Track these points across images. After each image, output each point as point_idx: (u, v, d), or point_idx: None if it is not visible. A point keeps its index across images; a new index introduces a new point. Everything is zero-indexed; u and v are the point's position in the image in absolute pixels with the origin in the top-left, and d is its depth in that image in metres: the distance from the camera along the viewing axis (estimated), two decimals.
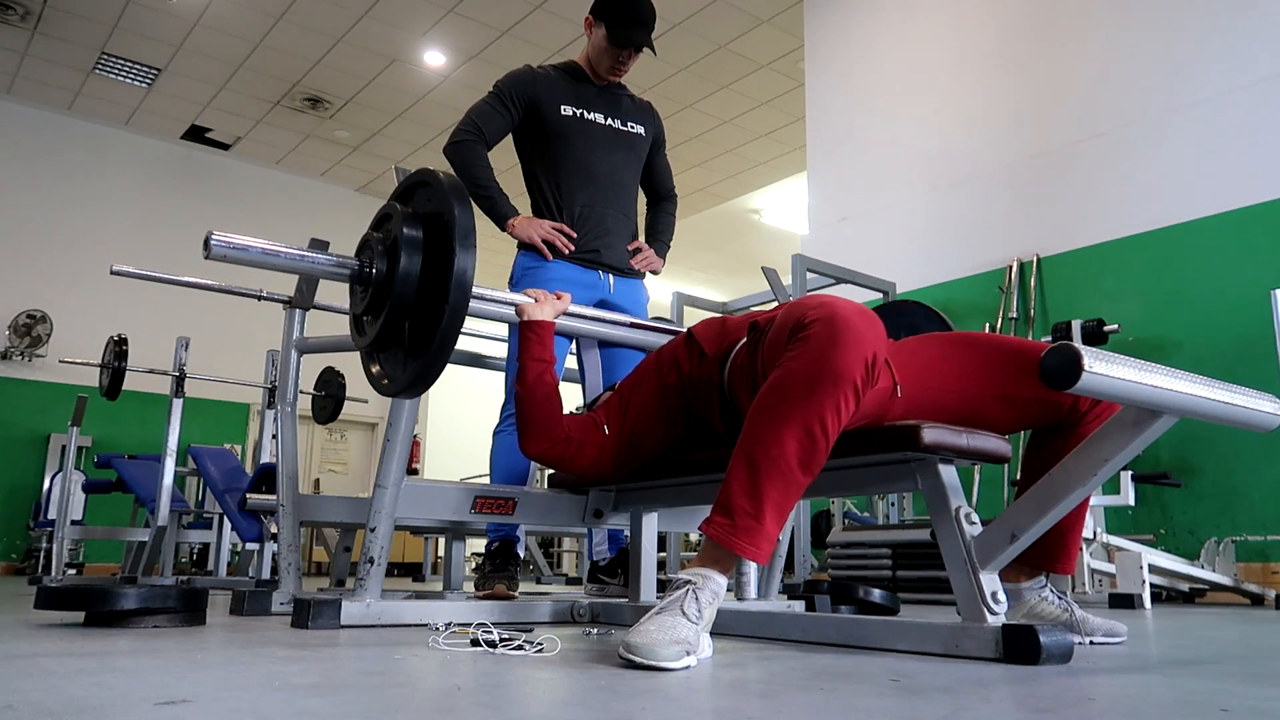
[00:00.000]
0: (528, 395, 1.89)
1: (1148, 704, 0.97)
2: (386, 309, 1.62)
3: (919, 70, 5.74)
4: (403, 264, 1.59)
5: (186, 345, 4.60)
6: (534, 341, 1.96)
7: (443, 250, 1.57)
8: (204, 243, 1.57)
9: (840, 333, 1.34)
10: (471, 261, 1.54)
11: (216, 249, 1.58)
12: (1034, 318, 4.82)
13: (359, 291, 1.70)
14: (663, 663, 1.17)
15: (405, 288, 1.60)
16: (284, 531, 2.22)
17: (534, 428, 1.88)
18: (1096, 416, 1.57)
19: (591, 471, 1.92)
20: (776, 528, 1.36)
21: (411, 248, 1.60)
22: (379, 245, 1.65)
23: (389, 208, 1.70)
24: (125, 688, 0.97)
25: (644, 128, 2.86)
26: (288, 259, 1.67)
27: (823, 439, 1.34)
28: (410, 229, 1.62)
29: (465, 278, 1.54)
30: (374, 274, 1.64)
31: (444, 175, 1.66)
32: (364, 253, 1.69)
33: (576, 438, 1.87)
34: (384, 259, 1.63)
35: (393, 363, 1.72)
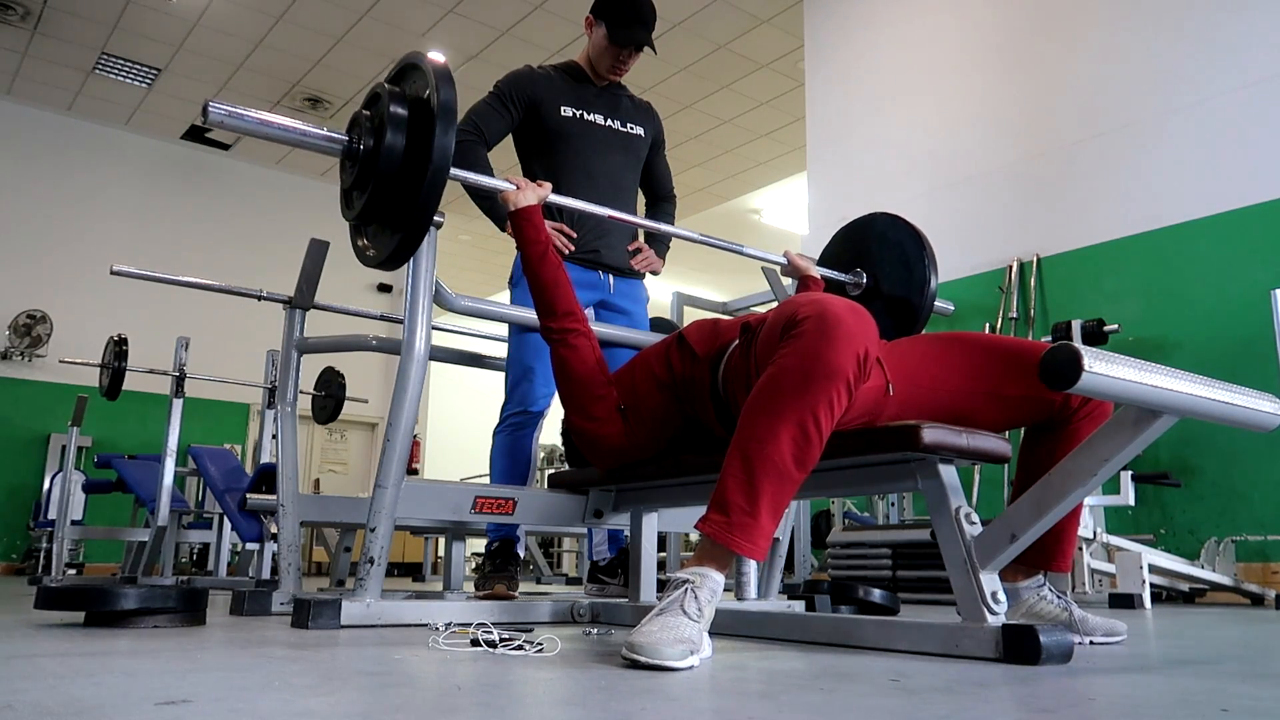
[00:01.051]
0: (537, 275, 1.96)
1: (1148, 704, 0.97)
2: (372, 182, 1.71)
3: (919, 70, 5.74)
4: (388, 140, 1.69)
5: (186, 345, 4.60)
6: (528, 227, 2.00)
7: (426, 128, 1.67)
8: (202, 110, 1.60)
9: (832, 329, 1.35)
10: (451, 140, 1.65)
11: (214, 115, 1.61)
12: (1034, 318, 4.82)
13: (348, 166, 1.79)
14: (668, 662, 1.17)
15: (390, 162, 1.69)
16: (284, 531, 2.22)
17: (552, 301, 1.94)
18: (1088, 414, 1.58)
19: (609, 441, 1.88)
20: (772, 524, 1.36)
21: (397, 126, 1.70)
22: (368, 123, 1.74)
23: (378, 88, 1.78)
24: (125, 688, 0.97)
25: (644, 129, 2.86)
26: (280, 129, 1.71)
27: (816, 435, 1.35)
28: (397, 108, 1.71)
29: (446, 149, 1.65)
30: (362, 149, 1.73)
31: (431, 60, 1.74)
32: (354, 129, 1.76)
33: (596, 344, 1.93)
34: (371, 135, 1.73)
35: (378, 236, 1.83)
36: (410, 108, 1.72)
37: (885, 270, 2.45)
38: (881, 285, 2.45)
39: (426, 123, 1.67)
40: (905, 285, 2.40)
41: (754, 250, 2.46)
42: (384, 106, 1.72)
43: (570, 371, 1.91)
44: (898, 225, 2.46)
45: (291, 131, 1.73)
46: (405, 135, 1.70)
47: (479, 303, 2.27)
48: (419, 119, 1.70)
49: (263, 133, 1.70)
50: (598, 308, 2.73)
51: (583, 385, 1.90)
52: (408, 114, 1.71)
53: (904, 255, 2.42)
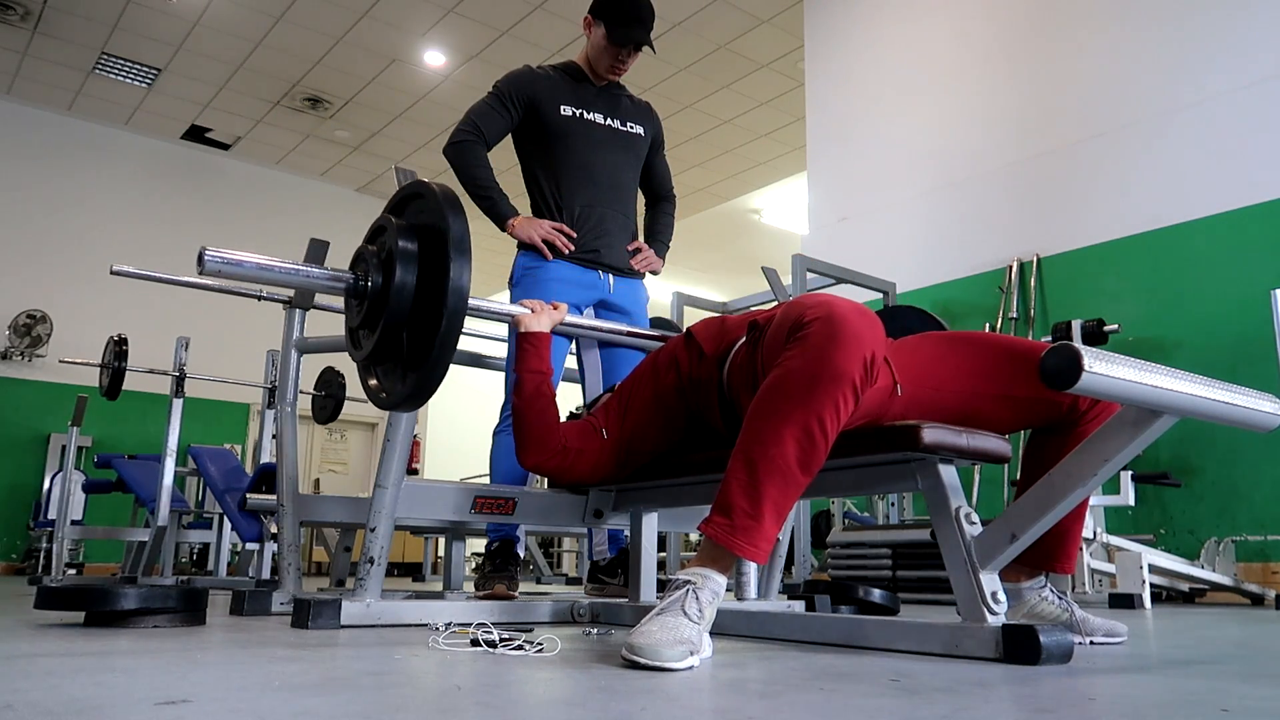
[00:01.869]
0: (525, 408, 1.89)
1: (1148, 704, 0.97)
2: (383, 322, 1.61)
3: (919, 70, 5.74)
4: (398, 276, 1.58)
5: (186, 345, 4.60)
6: (530, 354, 1.96)
7: (438, 262, 1.56)
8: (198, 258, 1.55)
9: (839, 332, 1.34)
10: (467, 273, 1.53)
11: (210, 264, 1.56)
12: (1034, 318, 4.82)
13: (354, 305, 1.70)
14: (667, 663, 1.17)
15: (401, 300, 1.59)
16: (284, 531, 2.22)
17: (531, 440, 1.88)
18: (1096, 416, 1.57)
19: (591, 477, 1.93)
20: (775, 527, 1.36)
21: (406, 260, 1.59)
22: (374, 258, 1.64)
23: (383, 220, 1.69)
24: (125, 688, 0.97)
25: (643, 128, 2.86)
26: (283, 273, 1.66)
27: (822, 438, 1.34)
28: (405, 241, 1.61)
29: (461, 289, 1.53)
30: (369, 287, 1.63)
31: (437, 187, 1.65)
32: (359, 266, 1.68)
33: (574, 446, 1.87)
34: (379, 272, 1.62)
35: (390, 375, 1.72)
36: (418, 240, 1.62)
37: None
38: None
39: (439, 259, 1.55)
40: None
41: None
42: (390, 240, 1.61)
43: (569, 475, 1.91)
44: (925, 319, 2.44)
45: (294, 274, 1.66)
46: (416, 273, 1.58)
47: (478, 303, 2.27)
48: (429, 252, 1.59)
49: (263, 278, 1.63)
50: (597, 308, 2.72)
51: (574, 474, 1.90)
52: (417, 248, 1.60)
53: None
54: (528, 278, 2.64)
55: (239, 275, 1.61)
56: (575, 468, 1.88)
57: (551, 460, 1.87)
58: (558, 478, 1.95)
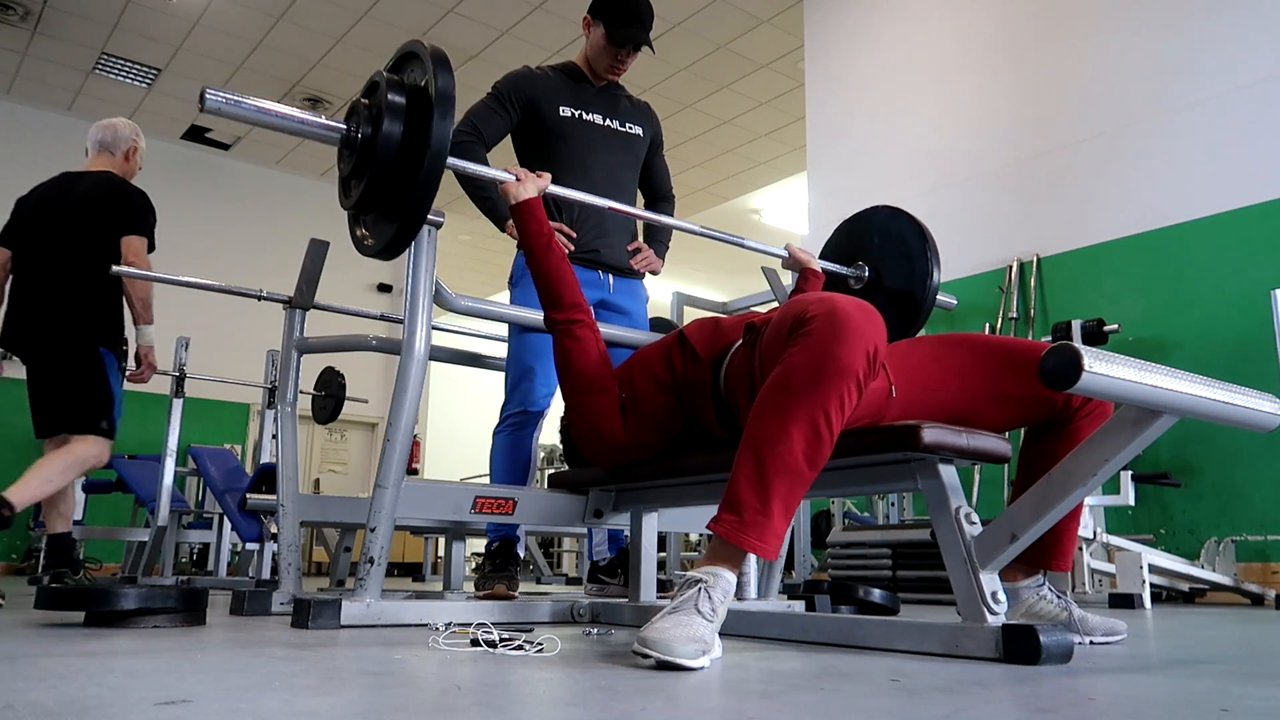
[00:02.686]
0: (541, 267, 1.96)
1: (1148, 704, 0.97)
2: (370, 171, 1.71)
3: (918, 70, 5.74)
4: (385, 127, 1.68)
5: (186, 345, 4.60)
6: (530, 220, 2.00)
7: (423, 116, 1.66)
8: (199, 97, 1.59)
9: (842, 327, 1.35)
10: (448, 127, 1.64)
11: (211, 102, 1.60)
12: (1034, 318, 4.82)
13: (346, 155, 1.78)
14: (679, 659, 1.17)
15: (387, 151, 1.68)
16: (284, 531, 2.22)
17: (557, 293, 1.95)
18: (1089, 413, 1.59)
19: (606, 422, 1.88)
20: (784, 523, 1.36)
21: (394, 114, 1.69)
22: (366, 111, 1.73)
23: (377, 76, 1.77)
24: (125, 688, 0.97)
25: (642, 128, 2.86)
26: (279, 118, 1.70)
27: (827, 433, 1.35)
28: (395, 96, 1.70)
29: (442, 141, 1.63)
30: (359, 138, 1.72)
31: (430, 48, 1.72)
32: (352, 118, 1.75)
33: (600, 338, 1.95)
34: (369, 124, 1.72)
35: (375, 224, 1.82)
36: (408, 96, 1.71)
37: (887, 264, 2.44)
38: (883, 279, 2.43)
39: (424, 110, 1.66)
40: (907, 278, 2.39)
41: (755, 243, 2.45)
42: (382, 95, 1.71)
43: (574, 363, 1.91)
44: (900, 218, 2.44)
45: (289, 119, 1.72)
46: (403, 123, 1.69)
47: (479, 303, 2.27)
48: (417, 106, 1.69)
49: (260, 120, 1.68)
50: (597, 307, 2.72)
51: (585, 378, 1.90)
52: (405, 102, 1.70)
53: (906, 248, 2.40)
54: (528, 277, 2.64)
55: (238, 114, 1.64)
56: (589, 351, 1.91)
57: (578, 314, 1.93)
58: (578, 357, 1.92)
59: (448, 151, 1.67)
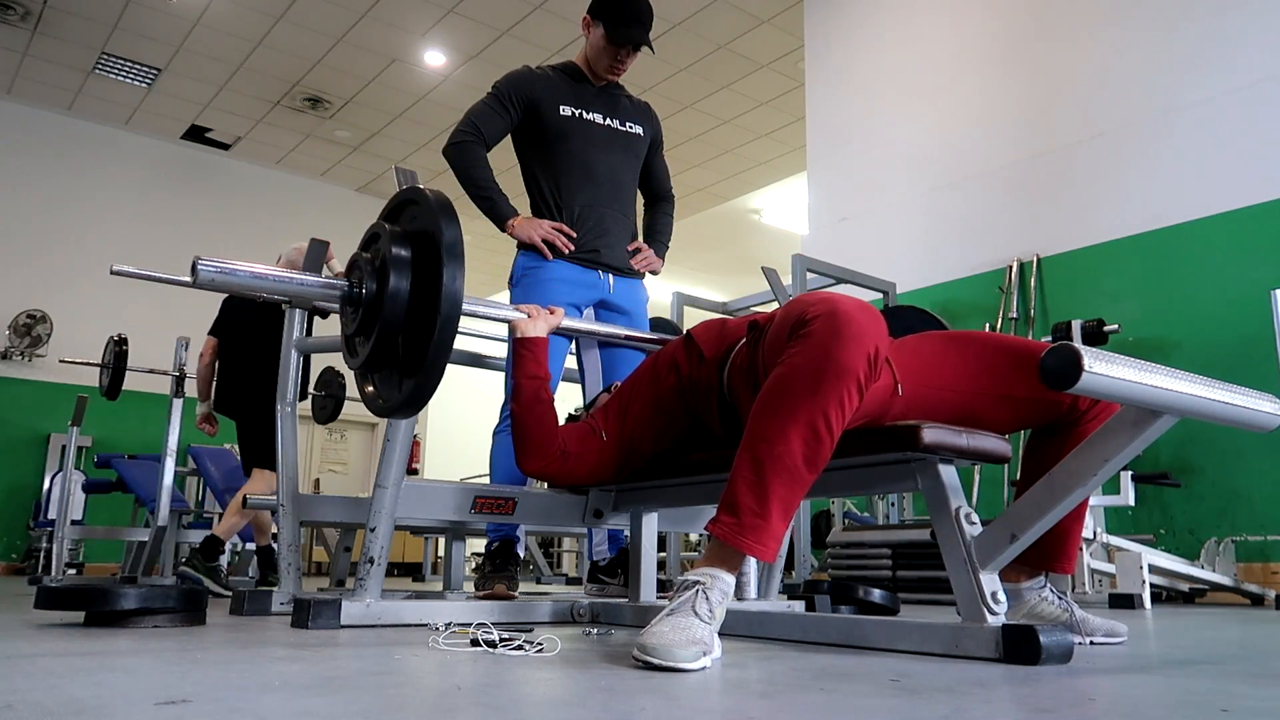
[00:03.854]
0: (524, 413, 1.90)
1: (1148, 704, 0.97)
2: (378, 328, 1.61)
3: (919, 70, 5.74)
4: (392, 283, 1.58)
5: (186, 345, 4.60)
6: (528, 359, 1.96)
7: (432, 268, 1.56)
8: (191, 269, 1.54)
9: (843, 328, 1.34)
10: (460, 279, 1.52)
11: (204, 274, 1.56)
12: (1034, 318, 4.82)
13: (350, 312, 1.70)
14: (680, 664, 1.17)
15: (395, 307, 1.58)
16: (284, 531, 2.22)
17: (530, 445, 1.89)
18: (1095, 416, 1.57)
19: (589, 479, 1.94)
20: (783, 525, 1.35)
21: (400, 267, 1.59)
22: (368, 265, 1.64)
23: (377, 227, 1.69)
24: (125, 688, 0.97)
25: (642, 128, 2.86)
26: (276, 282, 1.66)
27: (827, 435, 1.34)
28: (398, 248, 1.60)
29: (455, 295, 1.52)
30: (364, 294, 1.63)
31: (431, 193, 1.64)
32: (353, 273, 1.67)
33: (574, 451, 1.87)
34: (373, 279, 1.63)
35: (386, 382, 1.72)
36: (413, 247, 1.61)
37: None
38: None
39: (433, 264, 1.55)
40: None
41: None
42: (384, 247, 1.61)
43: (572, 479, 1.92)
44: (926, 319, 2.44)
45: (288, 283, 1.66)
46: (410, 279, 1.58)
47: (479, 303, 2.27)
48: (423, 260, 1.59)
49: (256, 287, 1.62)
50: (597, 308, 2.72)
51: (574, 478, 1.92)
52: (410, 255, 1.60)
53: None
54: (528, 277, 2.64)
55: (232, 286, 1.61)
56: (574, 471, 1.89)
57: (551, 465, 1.88)
58: (557, 481, 1.96)
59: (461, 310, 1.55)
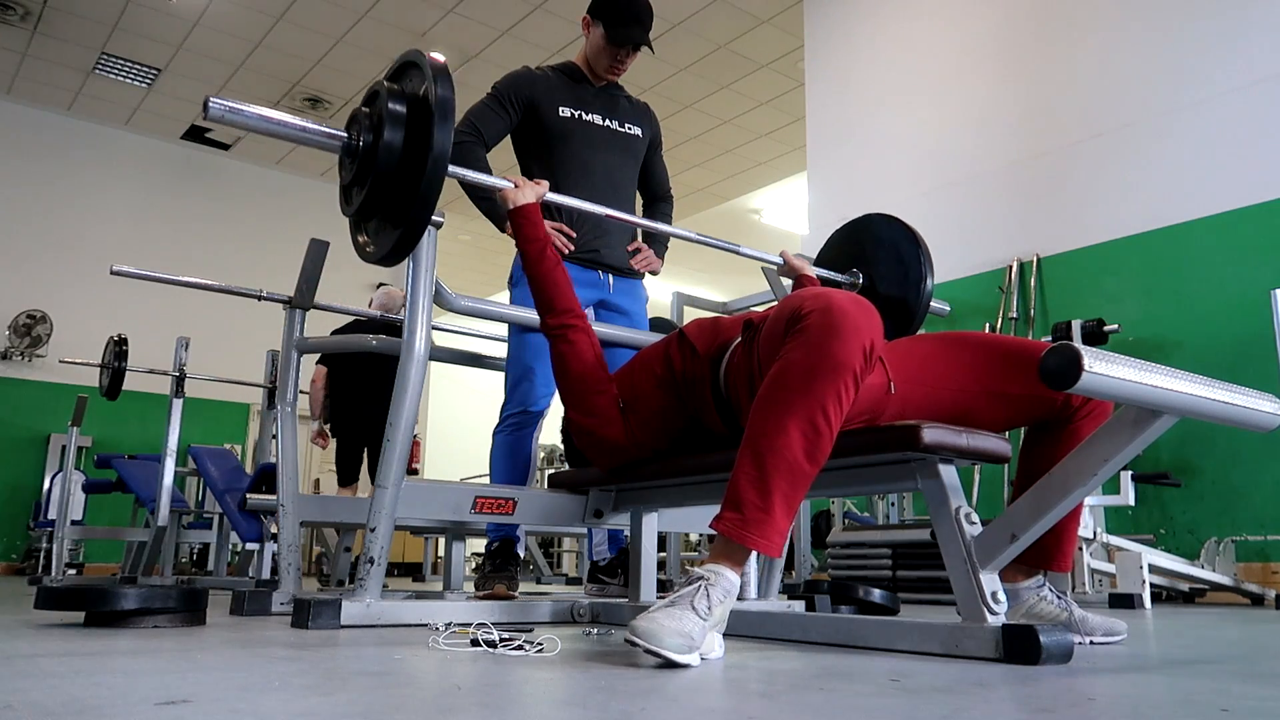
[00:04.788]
0: (536, 273, 1.96)
1: (1148, 704, 0.97)
2: (371, 178, 1.72)
3: (919, 70, 5.74)
4: (386, 136, 1.69)
5: (186, 345, 4.60)
6: (526, 225, 2.01)
7: (424, 125, 1.67)
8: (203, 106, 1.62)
9: (838, 322, 1.35)
10: (448, 137, 1.65)
11: (214, 110, 1.63)
12: (1034, 318, 4.82)
13: (347, 162, 1.79)
14: (664, 650, 1.18)
15: (388, 159, 1.70)
16: (284, 531, 2.22)
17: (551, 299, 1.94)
18: (1089, 413, 1.59)
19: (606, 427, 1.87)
20: (787, 520, 1.36)
21: (395, 123, 1.70)
22: (366, 119, 1.75)
23: (377, 85, 1.79)
24: (125, 688, 0.97)
25: (641, 129, 2.86)
26: (281, 125, 1.73)
27: (826, 428, 1.35)
28: (395, 105, 1.72)
29: (443, 148, 1.64)
30: (361, 145, 1.74)
31: (430, 57, 1.74)
32: (353, 126, 1.77)
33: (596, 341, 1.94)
34: (370, 132, 1.73)
35: (377, 231, 1.83)
36: (408, 104, 1.73)
37: (881, 270, 2.45)
38: (878, 286, 2.44)
39: (424, 119, 1.68)
40: (901, 285, 2.40)
41: (750, 250, 2.45)
42: (382, 103, 1.73)
43: (570, 367, 1.90)
44: (893, 225, 2.46)
45: (290, 127, 1.74)
46: (404, 131, 1.71)
47: (479, 303, 2.27)
48: (417, 115, 1.71)
49: (262, 128, 1.70)
50: (597, 307, 2.73)
51: (583, 381, 1.89)
52: (406, 110, 1.72)
53: (900, 255, 2.42)
54: None
55: (240, 122, 1.66)
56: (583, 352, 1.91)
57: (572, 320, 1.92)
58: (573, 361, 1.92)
59: (449, 159, 1.68)
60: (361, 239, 1.89)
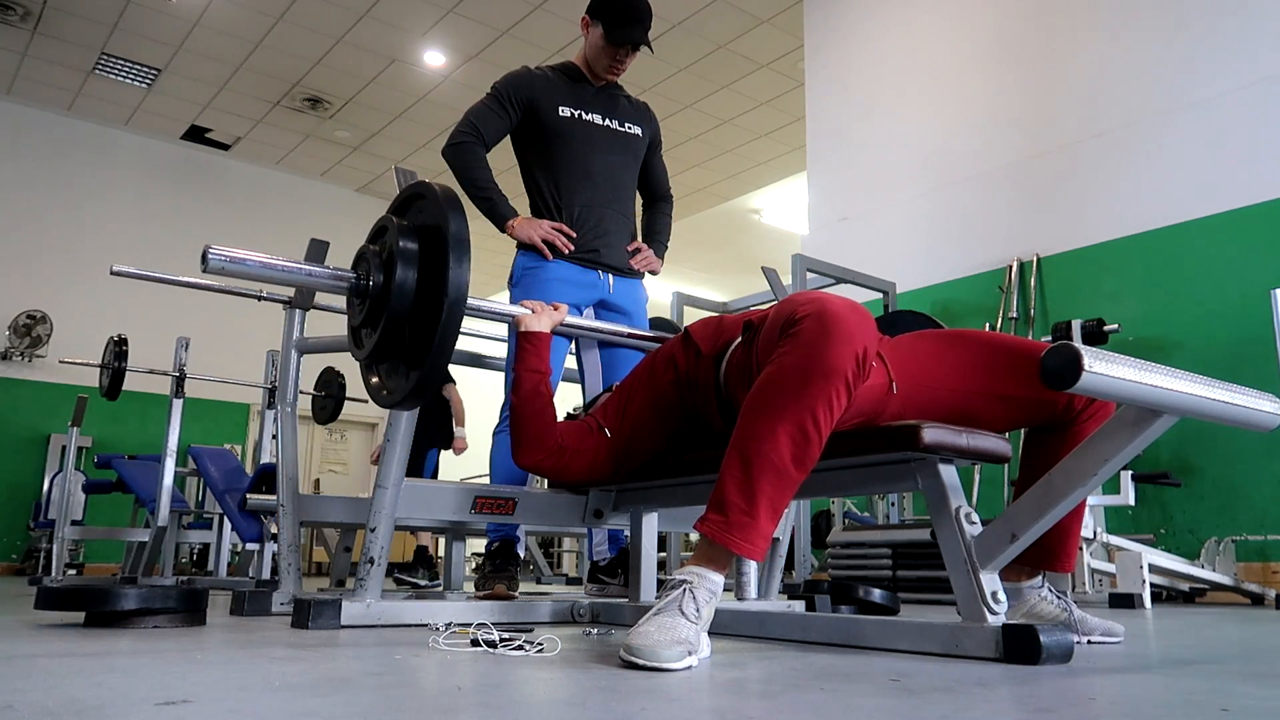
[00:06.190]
0: (523, 406, 1.89)
1: (1148, 704, 0.97)
2: (384, 320, 1.63)
3: (919, 70, 5.74)
4: (398, 276, 1.60)
5: (186, 345, 4.60)
6: (530, 353, 1.96)
7: (438, 262, 1.58)
8: (201, 256, 1.56)
9: (831, 328, 1.35)
10: (466, 273, 1.55)
11: (214, 262, 1.57)
12: (1034, 318, 4.82)
13: (356, 304, 1.71)
14: (665, 664, 1.17)
15: (402, 299, 1.61)
16: (284, 531, 2.22)
17: (528, 438, 1.87)
18: (1091, 415, 1.58)
19: (587, 477, 1.92)
20: (771, 524, 1.36)
21: (407, 260, 1.61)
22: (375, 258, 1.66)
23: (385, 220, 1.71)
24: (125, 688, 0.97)
25: (641, 129, 2.86)
26: (285, 272, 1.67)
27: (815, 434, 1.34)
28: (406, 241, 1.63)
29: (461, 286, 1.54)
30: (371, 286, 1.65)
31: (439, 187, 1.66)
32: (361, 265, 1.69)
33: (571, 446, 1.86)
34: (380, 271, 1.64)
35: (391, 374, 1.74)
36: (420, 239, 1.64)
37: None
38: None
39: (439, 256, 1.58)
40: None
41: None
42: (392, 240, 1.64)
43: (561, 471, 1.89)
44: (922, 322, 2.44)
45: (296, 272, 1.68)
46: (416, 270, 1.61)
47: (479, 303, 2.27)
48: (430, 251, 1.62)
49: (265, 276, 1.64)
50: (597, 308, 2.72)
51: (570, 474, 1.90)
52: (418, 247, 1.63)
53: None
54: (528, 278, 2.64)
55: (242, 274, 1.62)
56: (571, 467, 1.88)
57: (548, 460, 1.87)
58: (554, 477, 1.95)
59: (466, 299, 1.59)
60: (375, 381, 1.79)
